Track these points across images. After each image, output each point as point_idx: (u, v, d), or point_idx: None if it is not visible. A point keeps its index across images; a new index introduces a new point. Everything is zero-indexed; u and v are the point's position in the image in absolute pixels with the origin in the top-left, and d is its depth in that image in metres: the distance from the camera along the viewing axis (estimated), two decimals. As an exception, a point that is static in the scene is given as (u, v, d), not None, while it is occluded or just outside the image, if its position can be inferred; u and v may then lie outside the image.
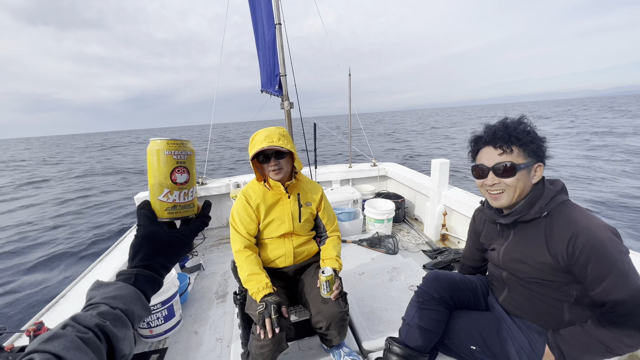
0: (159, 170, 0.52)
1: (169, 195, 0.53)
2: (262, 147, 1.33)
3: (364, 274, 2.35)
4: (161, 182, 0.53)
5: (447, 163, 3.00)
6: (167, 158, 0.53)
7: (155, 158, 0.52)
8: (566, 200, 0.98)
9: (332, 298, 1.35)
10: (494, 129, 1.02)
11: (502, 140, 0.99)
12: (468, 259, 1.40)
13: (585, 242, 0.87)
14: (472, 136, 1.10)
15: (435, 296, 1.14)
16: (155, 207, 0.54)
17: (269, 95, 3.24)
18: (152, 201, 0.54)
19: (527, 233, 1.02)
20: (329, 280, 1.33)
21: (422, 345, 1.10)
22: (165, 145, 0.52)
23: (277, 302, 1.28)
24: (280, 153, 1.41)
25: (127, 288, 0.48)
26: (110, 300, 0.45)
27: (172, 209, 0.54)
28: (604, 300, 0.86)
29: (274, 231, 1.49)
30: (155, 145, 0.52)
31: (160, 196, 0.53)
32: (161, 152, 0.52)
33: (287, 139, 1.41)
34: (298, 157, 1.51)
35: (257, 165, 1.48)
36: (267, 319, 1.21)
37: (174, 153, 0.53)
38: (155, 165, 0.52)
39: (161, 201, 0.53)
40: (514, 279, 1.08)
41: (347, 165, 4.40)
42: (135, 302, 0.47)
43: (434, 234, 3.14)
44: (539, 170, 1.00)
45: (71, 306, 1.49)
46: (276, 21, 2.87)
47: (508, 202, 1.01)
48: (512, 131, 0.98)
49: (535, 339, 1.03)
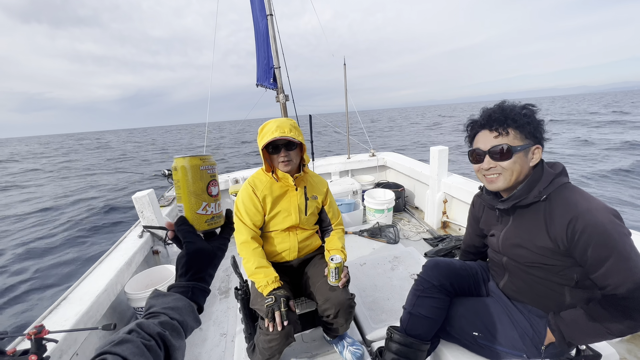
0: (196, 185, 0.55)
1: (207, 208, 0.57)
2: (273, 137, 1.30)
3: (365, 264, 2.35)
4: (199, 196, 0.56)
5: (446, 150, 2.97)
6: (203, 173, 0.56)
7: (191, 174, 0.55)
8: (566, 182, 0.96)
9: (340, 285, 1.36)
10: (489, 112, 1.00)
11: (498, 122, 0.96)
12: (468, 245, 1.39)
13: (585, 225, 0.85)
14: (468, 120, 1.08)
15: (435, 284, 1.13)
16: (194, 221, 0.56)
17: (265, 89, 3.20)
18: (189, 216, 0.56)
19: (527, 218, 1.00)
20: (338, 267, 1.33)
21: (423, 333, 1.10)
22: (200, 161, 0.56)
23: (286, 295, 1.28)
24: (290, 144, 1.39)
25: (183, 300, 0.52)
26: (169, 310, 0.49)
27: (211, 220, 0.58)
28: (604, 283, 0.85)
29: (280, 223, 1.48)
30: (191, 162, 0.55)
31: (199, 210, 0.56)
32: (197, 168, 0.55)
33: (298, 130, 1.39)
34: (306, 150, 1.50)
35: (266, 156, 1.46)
36: (277, 312, 1.21)
37: (208, 168, 0.57)
38: (191, 181, 0.55)
39: (200, 214, 0.57)
40: (514, 264, 1.07)
41: (346, 156, 4.37)
42: (189, 314, 0.51)
43: (435, 222, 3.14)
44: (537, 152, 0.97)
45: (73, 308, 1.49)
46: (267, 12, 2.81)
47: (505, 185, 0.99)
48: (509, 113, 0.96)
49: (536, 322, 1.02)
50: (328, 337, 1.61)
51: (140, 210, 2.36)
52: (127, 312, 2.01)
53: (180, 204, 0.57)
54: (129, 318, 2.00)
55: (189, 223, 0.57)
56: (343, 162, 4.17)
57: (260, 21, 2.95)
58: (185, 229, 0.56)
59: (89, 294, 1.61)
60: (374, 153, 4.36)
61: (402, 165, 3.84)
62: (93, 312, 1.53)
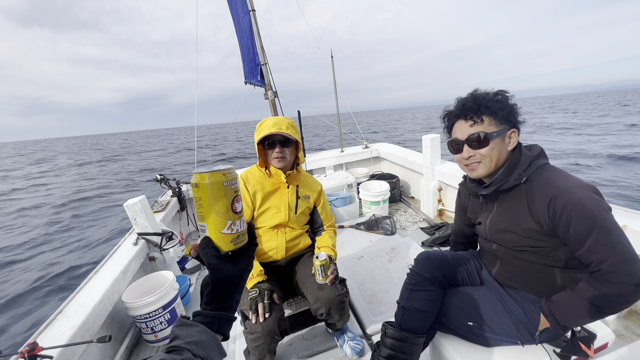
0: (221, 203, 0.51)
1: (232, 227, 0.53)
2: (270, 132, 1.33)
3: (362, 257, 2.35)
4: (224, 215, 0.51)
5: (438, 138, 2.96)
6: (227, 189, 0.51)
7: (213, 191, 0.50)
8: (545, 164, 0.96)
9: (328, 283, 1.36)
10: (463, 101, 1.01)
11: (472, 110, 0.97)
12: (458, 235, 1.39)
13: (564, 202, 0.85)
14: (444, 112, 1.08)
15: (427, 276, 1.13)
16: (219, 241, 0.52)
17: (253, 86, 3.16)
18: (214, 236, 0.52)
19: (510, 202, 1.01)
20: (323, 265, 1.32)
21: (418, 326, 1.10)
22: (222, 176, 0.51)
23: (270, 288, 1.30)
24: (286, 141, 1.41)
25: (208, 333, 0.49)
26: (193, 346, 0.47)
27: (237, 239, 0.54)
28: (589, 260, 0.85)
29: (269, 220, 1.48)
30: (213, 178, 0.50)
31: (224, 229, 0.52)
32: (221, 185, 0.51)
33: (295, 129, 1.41)
34: (302, 150, 1.51)
35: (261, 152, 1.47)
36: (260, 303, 1.23)
37: (232, 183, 0.52)
38: (214, 199, 0.50)
39: (226, 234, 0.52)
40: (503, 250, 1.07)
41: (339, 149, 4.35)
42: (213, 349, 0.49)
43: (431, 211, 3.14)
44: (513, 136, 0.98)
45: (69, 321, 1.48)
46: (250, 8, 2.76)
47: (486, 171, 1.00)
48: (481, 100, 0.96)
49: (530, 308, 1.02)
50: (330, 330, 1.62)
51: (133, 217, 2.33)
52: (126, 321, 2.00)
53: (202, 223, 0.52)
54: (128, 327, 2.00)
55: (214, 245, 0.53)
56: (336, 156, 4.15)
57: (242, 17, 2.90)
58: (210, 253, 0.52)
59: (84, 305, 1.59)
60: (367, 145, 4.34)
61: (396, 156, 3.83)
62: (90, 324, 1.52)
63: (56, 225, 7.46)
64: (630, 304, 0.84)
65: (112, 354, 1.77)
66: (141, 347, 1.90)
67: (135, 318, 1.81)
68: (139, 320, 1.80)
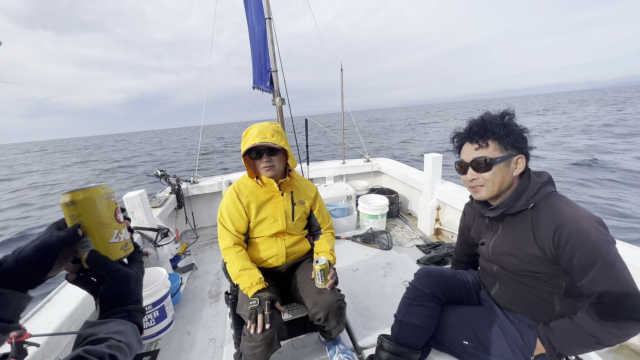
0: (105, 215, 0.54)
1: (119, 236, 0.56)
2: (254, 144, 1.28)
3: (357, 270, 2.34)
4: (109, 226, 0.55)
5: (440, 157, 3.00)
6: (109, 202, 0.56)
7: (97, 204, 0.54)
8: (552, 191, 0.98)
9: (327, 287, 1.34)
10: (471, 125, 1.03)
11: (477, 135, 0.99)
12: (459, 253, 1.39)
13: (570, 232, 0.87)
14: (453, 133, 1.10)
15: (426, 292, 1.13)
16: (107, 251, 0.55)
17: (261, 92, 3.20)
18: (102, 248, 0.54)
19: (515, 226, 1.02)
20: (323, 269, 1.31)
21: (414, 341, 1.09)
22: (102, 190, 0.55)
23: (271, 297, 1.26)
24: (273, 150, 1.36)
25: (125, 324, 0.51)
26: (114, 334, 0.47)
27: (125, 246, 0.57)
28: (590, 291, 0.86)
29: (266, 230, 1.46)
30: (94, 193, 0.54)
31: (112, 239, 0.55)
32: (102, 197, 0.55)
33: (281, 135, 1.37)
34: (292, 154, 1.47)
35: (249, 162, 1.44)
36: (260, 314, 1.19)
37: (111, 196, 0.57)
38: (98, 211, 0.54)
39: (114, 243, 0.55)
40: (504, 272, 1.08)
41: (341, 161, 4.38)
42: (133, 336, 0.50)
43: (428, 229, 3.15)
44: (520, 162, 0.99)
45: (57, 310, 1.45)
46: (266, 15, 2.82)
47: (487, 195, 1.02)
48: (488, 125, 0.98)
49: (527, 332, 1.03)
50: (323, 339, 1.59)
51: (130, 210, 2.32)
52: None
53: (85, 239, 0.54)
54: (115, 321, 1.96)
55: (102, 255, 0.54)
56: (338, 167, 4.17)
57: (257, 24, 2.96)
58: (103, 259, 0.54)
59: (74, 296, 1.56)
60: (369, 159, 4.37)
61: (396, 172, 3.86)
62: (78, 315, 1.49)
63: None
64: (628, 337, 0.84)
65: None
66: (126, 344, 1.86)
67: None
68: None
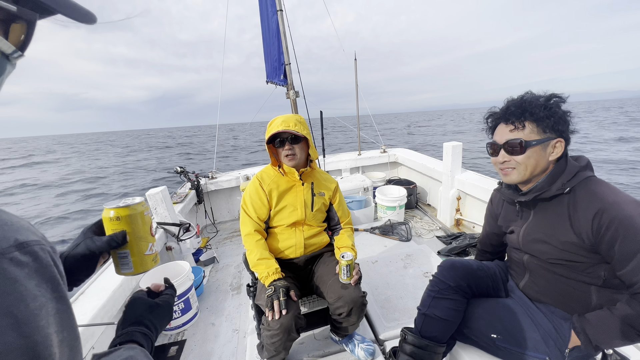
0: (143, 229, 0.60)
1: (152, 248, 0.62)
2: (278, 130, 1.34)
3: (377, 262, 2.32)
4: (146, 239, 0.60)
5: (460, 146, 2.90)
6: (147, 217, 0.61)
7: (137, 221, 0.59)
8: (591, 176, 0.92)
9: (352, 283, 1.35)
10: (508, 104, 0.97)
11: (514, 115, 0.93)
12: (485, 244, 1.34)
13: (612, 218, 0.81)
14: (488, 112, 1.04)
15: (451, 285, 1.10)
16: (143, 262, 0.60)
17: (275, 86, 3.19)
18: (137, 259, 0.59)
19: (549, 211, 0.96)
20: (349, 265, 1.32)
21: (439, 335, 1.07)
22: (143, 207, 0.61)
23: (286, 285, 1.29)
24: (295, 138, 1.41)
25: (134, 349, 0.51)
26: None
27: (155, 258, 0.63)
28: (633, 281, 0.81)
29: (286, 218, 1.48)
30: (136, 209, 0.59)
31: (147, 251, 0.61)
32: (143, 214, 0.60)
33: (303, 125, 1.40)
34: (313, 145, 1.49)
35: (272, 151, 1.48)
36: (276, 300, 1.22)
37: (149, 212, 0.63)
38: (138, 227, 0.59)
39: (148, 255, 0.61)
40: (536, 262, 1.03)
41: (357, 152, 4.33)
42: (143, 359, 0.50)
43: (448, 220, 3.08)
44: (558, 146, 0.92)
45: (90, 302, 1.52)
46: (278, 7, 2.79)
47: (518, 178, 0.97)
48: (527, 106, 0.92)
49: (560, 324, 0.98)
50: (336, 337, 1.59)
51: (153, 207, 2.39)
52: None
53: (124, 251, 0.58)
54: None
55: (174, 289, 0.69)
56: (354, 159, 4.13)
57: (271, 17, 2.93)
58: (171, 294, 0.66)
59: (105, 289, 1.64)
60: (385, 149, 4.30)
61: (414, 162, 3.78)
62: (109, 307, 1.56)
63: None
64: None
65: None
66: (154, 334, 1.94)
67: (151, 305, 1.85)
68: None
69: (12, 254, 0.28)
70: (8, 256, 0.28)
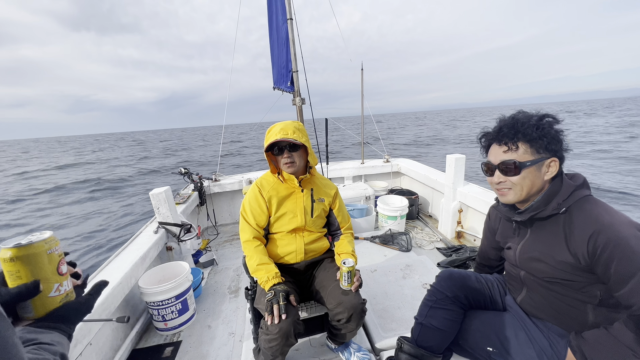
0: (46, 270, 0.52)
1: (60, 288, 0.54)
2: (275, 139, 1.34)
3: (376, 271, 2.32)
4: (49, 280, 0.52)
5: (463, 158, 2.91)
6: (51, 256, 0.53)
7: (37, 262, 0.51)
8: (587, 195, 0.92)
9: (353, 289, 1.35)
10: (500, 125, 0.98)
11: (507, 136, 0.94)
12: (484, 257, 1.35)
13: (607, 239, 0.81)
14: (480, 132, 1.06)
15: (448, 295, 1.10)
16: (45, 305, 0.52)
17: (281, 92, 3.23)
18: (38, 304, 0.52)
19: (545, 231, 0.97)
20: (350, 271, 1.32)
21: (434, 345, 1.07)
22: (45, 245, 0.52)
23: (286, 290, 1.30)
24: (294, 146, 1.41)
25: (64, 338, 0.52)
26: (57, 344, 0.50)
27: (66, 297, 0.55)
28: (629, 302, 0.81)
29: (285, 225, 1.49)
30: (39, 248, 0.52)
31: (51, 293, 0.53)
32: (44, 253, 0.52)
33: (302, 132, 1.41)
34: (313, 151, 1.50)
35: (271, 158, 1.49)
36: (276, 305, 1.22)
37: (55, 249, 0.54)
38: (38, 268, 0.51)
39: (53, 297, 0.53)
40: (532, 279, 1.03)
41: (360, 161, 4.35)
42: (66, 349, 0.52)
43: (449, 232, 3.06)
44: (553, 165, 0.93)
45: None
46: (288, 16, 2.85)
47: (515, 199, 0.97)
48: (520, 127, 0.92)
49: (556, 341, 0.98)
50: (333, 344, 1.58)
51: (156, 206, 2.41)
52: (139, 305, 2.05)
53: None
54: (140, 312, 2.04)
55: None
56: (357, 167, 4.15)
57: (281, 26, 2.99)
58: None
59: None
60: (388, 159, 4.32)
61: (417, 172, 3.79)
62: (108, 304, 1.57)
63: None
64: None
65: (123, 337, 1.81)
66: (150, 334, 1.94)
67: (149, 304, 1.85)
68: (152, 306, 1.84)
69: None
70: None
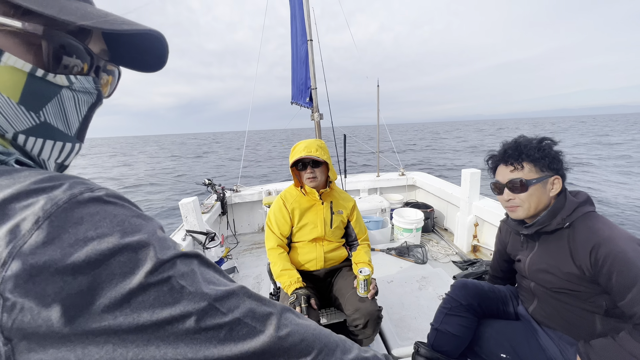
0: None
1: None
2: (300, 156, 1.48)
3: (392, 282, 2.38)
4: None
5: (478, 173, 2.96)
6: None
7: None
8: (590, 211, 0.99)
9: (369, 297, 1.44)
10: (505, 147, 1.08)
11: (512, 157, 1.04)
12: (496, 269, 1.41)
13: (607, 252, 0.88)
14: (487, 155, 1.16)
15: (463, 303, 1.17)
16: None
17: (300, 107, 3.38)
18: None
19: (552, 244, 1.04)
20: (367, 280, 1.42)
21: (450, 350, 1.13)
22: None
23: (307, 294, 1.40)
24: (316, 162, 1.55)
25: None
26: None
27: None
28: (631, 312, 0.86)
29: (307, 234, 1.61)
30: None
31: None
32: None
33: (324, 150, 1.55)
34: (333, 168, 1.64)
35: (295, 173, 1.64)
36: (298, 307, 1.33)
37: None
38: None
39: None
40: (542, 290, 1.09)
41: (375, 174, 4.44)
42: None
43: (465, 245, 3.08)
44: (556, 182, 1.02)
45: None
46: (308, 37, 3.03)
47: (524, 214, 1.05)
48: (523, 148, 1.03)
49: (566, 349, 1.03)
50: None
51: (185, 215, 2.58)
52: None
53: None
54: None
55: None
56: (372, 180, 4.23)
57: (300, 46, 3.17)
58: None
59: None
60: (404, 172, 4.38)
61: (432, 186, 3.84)
62: None
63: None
64: None
65: None
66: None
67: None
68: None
69: None
70: None
